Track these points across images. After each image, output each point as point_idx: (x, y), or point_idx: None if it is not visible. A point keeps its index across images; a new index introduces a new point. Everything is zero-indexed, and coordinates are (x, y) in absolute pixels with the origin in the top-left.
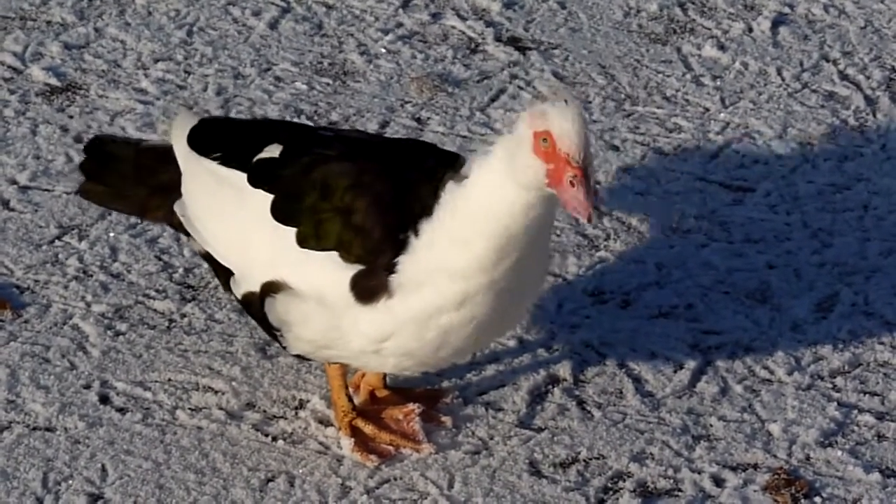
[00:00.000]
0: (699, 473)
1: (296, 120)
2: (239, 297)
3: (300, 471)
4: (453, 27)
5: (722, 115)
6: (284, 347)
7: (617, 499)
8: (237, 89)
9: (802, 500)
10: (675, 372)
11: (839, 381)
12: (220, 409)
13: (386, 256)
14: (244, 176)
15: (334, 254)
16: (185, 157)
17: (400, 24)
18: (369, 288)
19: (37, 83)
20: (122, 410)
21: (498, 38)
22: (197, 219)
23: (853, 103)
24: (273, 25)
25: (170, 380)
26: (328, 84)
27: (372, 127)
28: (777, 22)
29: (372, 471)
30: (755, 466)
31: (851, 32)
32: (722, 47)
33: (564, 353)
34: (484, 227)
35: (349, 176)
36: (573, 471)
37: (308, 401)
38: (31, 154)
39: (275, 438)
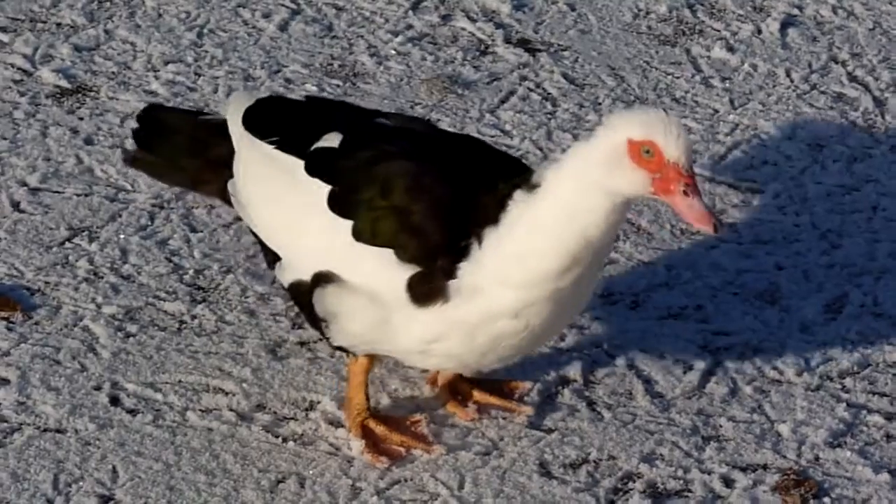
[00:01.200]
0: (709, 474)
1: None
2: (285, 284)
3: (311, 472)
4: (463, 29)
5: (731, 116)
6: (327, 338)
7: (627, 499)
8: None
9: (812, 501)
10: (685, 373)
11: (848, 381)
12: (231, 410)
13: (444, 260)
14: (301, 163)
15: (389, 251)
16: (240, 137)
17: (410, 26)
18: (426, 291)
19: (47, 85)
20: (132, 412)
21: (508, 40)
22: (248, 201)
23: (862, 105)
24: (283, 27)
25: (180, 381)
26: (338, 86)
27: None
28: (786, 23)
29: (382, 472)
30: (765, 467)
31: (860, 34)
32: (731, 49)
33: (574, 354)
34: (559, 237)
35: (410, 176)
36: (583, 471)
37: (318, 402)
38: (42, 156)
39: (285, 440)
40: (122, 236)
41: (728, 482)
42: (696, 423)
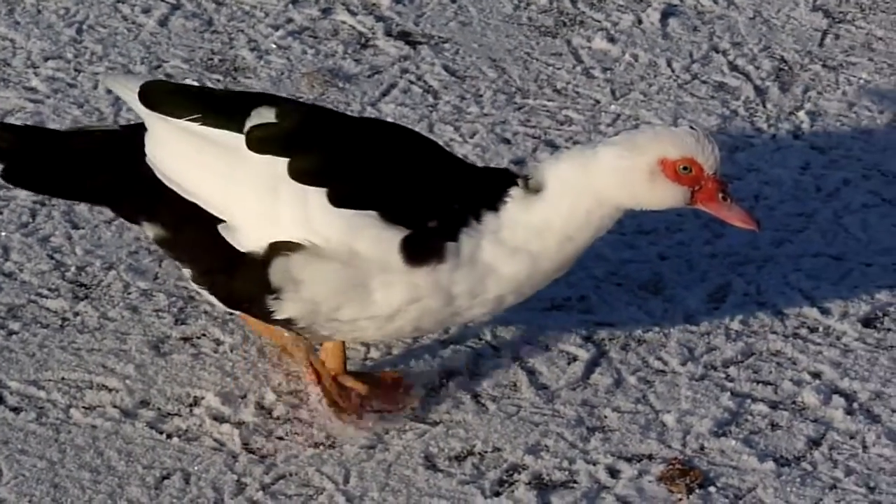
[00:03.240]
0: (594, 465)
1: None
2: (238, 248)
3: (195, 468)
4: (343, 22)
5: (612, 107)
6: (270, 312)
7: (513, 491)
8: None
9: (697, 490)
10: (570, 364)
11: (732, 370)
12: (115, 407)
13: (435, 222)
14: (238, 136)
15: (373, 214)
16: (151, 117)
17: (290, 20)
18: (420, 251)
19: None
20: (15, 410)
21: (388, 33)
22: (177, 175)
23: (743, 94)
24: (163, 22)
25: (63, 378)
26: (219, 80)
27: None
28: (666, 13)
29: (267, 467)
30: (650, 457)
31: (740, 23)
32: (612, 39)
33: (459, 346)
34: (560, 247)
35: (386, 145)
36: (468, 464)
37: (202, 398)
38: None
39: (169, 436)
40: (3, 234)
41: (613, 472)
42: (581, 414)
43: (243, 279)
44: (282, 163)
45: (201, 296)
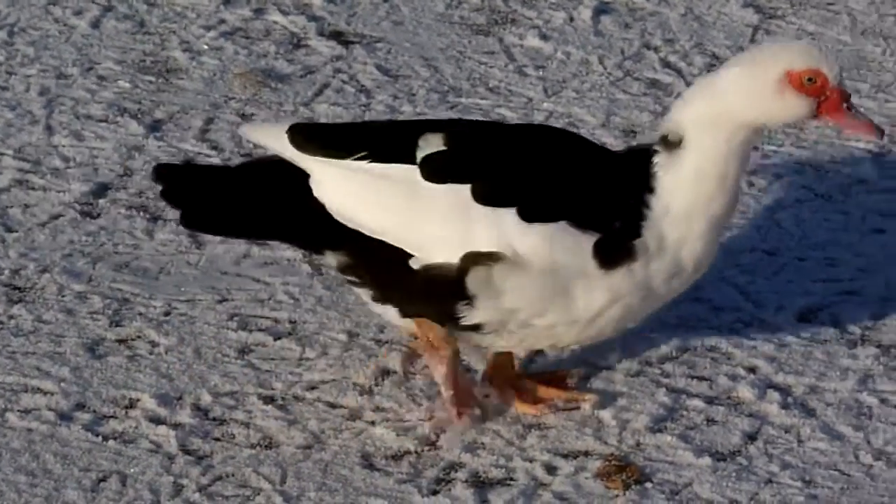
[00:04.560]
0: (531, 462)
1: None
2: (418, 266)
3: (132, 470)
4: (276, 22)
5: (545, 104)
6: (459, 318)
7: (450, 489)
8: (60, 89)
9: (634, 486)
10: None
11: (668, 366)
12: (51, 410)
13: (621, 221)
14: (412, 168)
15: (564, 223)
16: (314, 162)
17: (222, 21)
18: (613, 253)
19: None
20: None
21: (321, 33)
22: (358, 215)
23: (675, 90)
24: (95, 24)
25: None
26: (151, 82)
27: (196, 124)
28: (598, 11)
29: (204, 468)
30: (587, 453)
31: (672, 20)
32: (544, 37)
33: (393, 346)
34: (720, 183)
35: (550, 157)
36: (406, 462)
37: (138, 400)
38: None
39: (106, 438)
40: None
41: (550, 469)
42: (518, 412)
43: (432, 286)
44: (465, 189)
45: (375, 312)
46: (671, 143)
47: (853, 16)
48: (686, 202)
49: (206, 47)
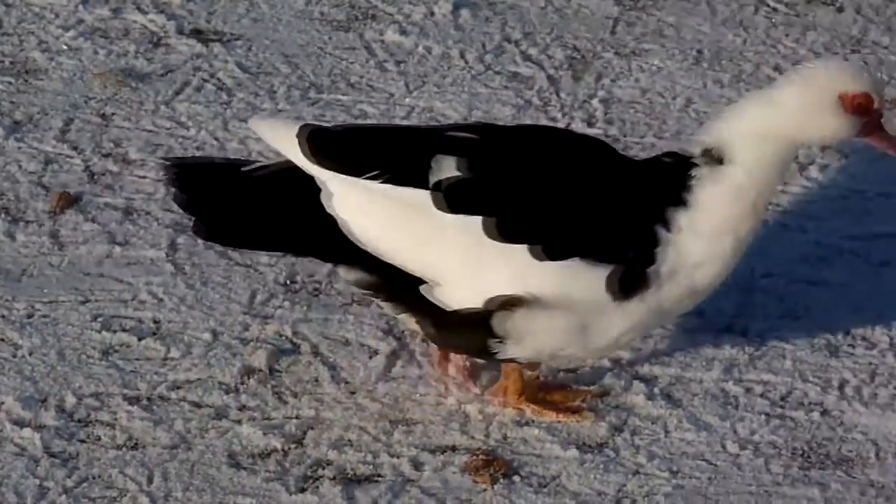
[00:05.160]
0: (398, 458)
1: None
2: (447, 308)
3: None
4: (135, 21)
5: (407, 99)
6: (493, 354)
7: (317, 487)
8: None
9: (501, 480)
10: (371, 358)
11: None
12: None
13: (634, 251)
14: (424, 193)
15: (576, 260)
16: (326, 175)
17: (81, 21)
18: (627, 285)
19: None
20: None
21: (180, 31)
22: (367, 235)
23: (537, 83)
24: None
25: None
26: (10, 83)
27: (56, 125)
28: (458, 5)
29: (70, 470)
30: (453, 448)
31: (532, 13)
32: (404, 32)
33: (259, 344)
34: (755, 200)
35: (565, 183)
36: (272, 461)
37: (2, 402)
38: None
39: None
40: None
41: (417, 465)
42: (384, 408)
43: (461, 329)
44: (477, 222)
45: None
46: (714, 158)
47: (713, 6)
48: (719, 220)
49: (65, 47)
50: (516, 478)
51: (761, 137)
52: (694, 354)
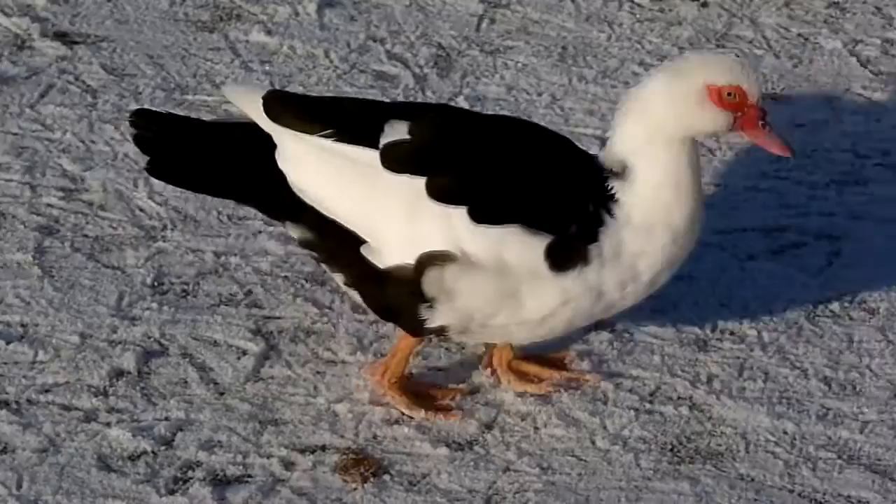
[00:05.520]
0: (268, 458)
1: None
2: (382, 266)
3: None
4: None
5: None
6: (423, 321)
7: (188, 488)
8: None
9: (372, 479)
10: (240, 359)
11: None
12: None
13: (576, 226)
14: (373, 152)
15: (517, 227)
16: (281, 133)
17: None
18: (565, 256)
19: None
20: None
21: (45, 34)
22: (315, 192)
23: (403, 82)
24: None
25: None
26: None
27: None
28: (323, 4)
29: None
30: (324, 448)
31: (397, 12)
32: (269, 32)
33: (127, 345)
34: (674, 199)
35: (517, 156)
36: (142, 463)
37: None
38: None
39: None
40: None
41: (288, 465)
42: (254, 409)
43: (394, 290)
44: (419, 182)
45: (353, 299)
46: (619, 173)
47: (577, 3)
48: (647, 215)
49: None
50: (387, 477)
51: (645, 138)
52: (562, 350)
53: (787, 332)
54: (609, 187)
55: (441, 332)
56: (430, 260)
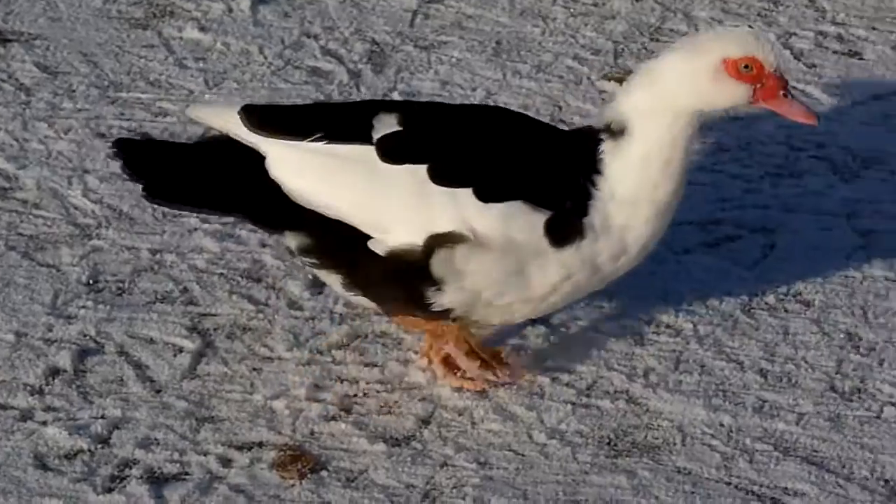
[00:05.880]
0: (205, 455)
1: None
2: (384, 253)
3: None
4: None
5: (207, 96)
6: (429, 304)
7: (125, 486)
8: None
9: (309, 475)
10: (176, 356)
11: (339, 354)
12: None
13: (571, 200)
14: (368, 148)
15: (519, 202)
16: (271, 143)
17: None
18: (564, 231)
19: None
20: None
21: None
22: (315, 195)
23: (337, 77)
24: None
25: None
26: None
27: None
28: (257, 1)
29: None
30: (261, 444)
31: (331, 7)
32: (203, 29)
33: (63, 344)
34: (663, 169)
35: (505, 138)
36: (79, 461)
37: None
38: None
39: None
40: None
41: (225, 462)
42: (191, 406)
43: (401, 276)
44: (421, 169)
45: (350, 301)
46: (615, 132)
47: None
48: (632, 188)
49: None
50: (324, 473)
51: (653, 109)
52: (499, 344)
53: (722, 325)
54: (598, 151)
55: (445, 314)
56: (440, 241)
